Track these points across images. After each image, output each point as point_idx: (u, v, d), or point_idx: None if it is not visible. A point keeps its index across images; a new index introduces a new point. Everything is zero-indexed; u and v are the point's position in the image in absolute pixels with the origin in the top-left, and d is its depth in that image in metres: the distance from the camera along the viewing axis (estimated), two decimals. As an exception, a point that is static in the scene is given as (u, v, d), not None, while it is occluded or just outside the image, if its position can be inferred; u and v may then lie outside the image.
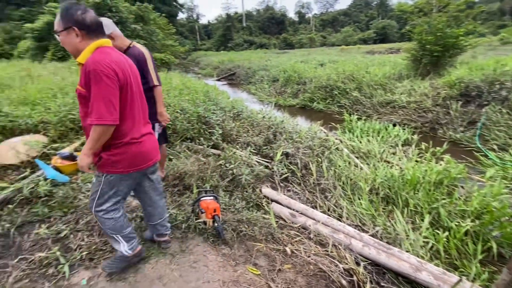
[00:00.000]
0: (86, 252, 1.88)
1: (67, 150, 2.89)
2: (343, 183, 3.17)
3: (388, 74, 8.33)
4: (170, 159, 3.18)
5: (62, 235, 2.06)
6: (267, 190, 2.89)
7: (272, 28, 54.77)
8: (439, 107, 6.04)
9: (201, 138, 3.77)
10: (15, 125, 3.27)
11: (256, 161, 3.33)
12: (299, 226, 2.44)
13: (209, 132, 3.89)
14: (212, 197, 2.30)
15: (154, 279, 1.70)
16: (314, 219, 2.48)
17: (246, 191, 2.83)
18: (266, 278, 1.80)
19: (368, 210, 2.69)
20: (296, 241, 2.25)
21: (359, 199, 2.87)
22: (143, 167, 1.55)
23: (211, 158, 3.25)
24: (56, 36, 1.35)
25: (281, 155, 3.38)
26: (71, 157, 2.81)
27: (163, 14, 25.10)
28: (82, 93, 1.36)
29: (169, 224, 1.99)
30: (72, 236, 2.06)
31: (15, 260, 1.84)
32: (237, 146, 3.74)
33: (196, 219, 2.24)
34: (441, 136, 5.47)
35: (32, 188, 2.45)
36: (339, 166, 3.42)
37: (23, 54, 18.90)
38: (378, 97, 7.22)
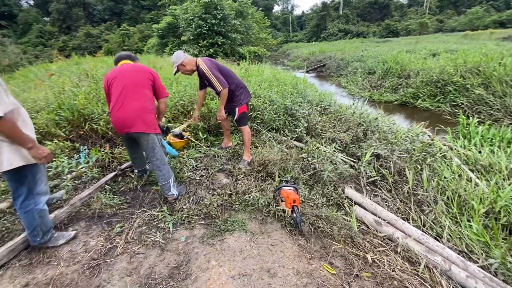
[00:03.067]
0: (185, 215, 2.27)
1: (177, 130, 3.50)
2: (448, 198, 2.67)
3: (537, 67, 6.26)
4: (256, 147, 3.40)
5: (170, 199, 2.54)
6: (350, 191, 2.73)
7: (373, 14, 49.17)
8: None
9: (286, 130, 3.85)
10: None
11: (341, 159, 3.17)
12: (385, 236, 2.22)
13: (294, 124, 3.92)
14: (292, 188, 2.35)
15: (236, 250, 1.90)
16: (404, 232, 2.21)
17: (327, 188, 2.75)
18: (342, 280, 1.74)
19: (480, 236, 2.18)
20: (379, 251, 2.07)
21: (469, 221, 2.36)
22: (119, 132, 2.29)
23: (293, 150, 3.30)
24: None
25: (371, 156, 3.10)
26: (180, 136, 3.39)
27: (260, 8, 26.26)
28: None
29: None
30: (177, 200, 2.51)
31: (139, 211, 2.40)
32: (322, 141, 3.65)
33: (276, 206, 2.35)
34: None
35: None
36: (445, 177, 2.88)
37: (150, 50, 23.54)
38: (515, 96, 5.57)
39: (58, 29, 44.75)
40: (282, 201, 2.30)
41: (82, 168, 2.96)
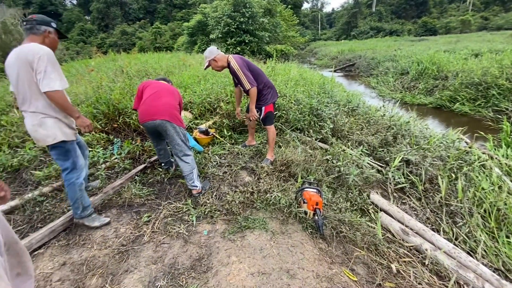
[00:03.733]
0: (208, 210, 2.34)
1: (203, 126, 3.60)
2: (485, 211, 2.47)
3: None
4: (280, 146, 3.39)
5: (194, 192, 2.63)
6: (376, 197, 2.63)
7: (409, 11, 46.50)
8: None
9: (311, 130, 3.79)
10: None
11: (368, 162, 3.06)
12: (411, 246, 2.11)
13: (320, 125, 3.85)
14: (315, 190, 2.31)
15: (256, 248, 1.93)
16: (433, 244, 2.09)
17: (352, 193, 2.68)
18: (363, 288, 1.70)
19: (521, 255, 2.00)
20: (404, 261, 1.98)
21: (508, 237, 2.17)
22: (141, 121, 2.43)
23: (318, 151, 3.24)
24: None
25: (400, 162, 2.96)
26: (206, 132, 3.48)
27: (289, 6, 25.94)
28: None
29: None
30: (200, 194, 2.59)
31: (165, 202, 2.51)
32: (348, 143, 3.55)
33: (297, 207, 2.34)
34: None
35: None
36: (483, 188, 2.66)
37: (180, 47, 24.30)
38: None
39: (97, 27, 47.88)
40: (304, 202, 2.28)
41: (115, 159, 3.15)
